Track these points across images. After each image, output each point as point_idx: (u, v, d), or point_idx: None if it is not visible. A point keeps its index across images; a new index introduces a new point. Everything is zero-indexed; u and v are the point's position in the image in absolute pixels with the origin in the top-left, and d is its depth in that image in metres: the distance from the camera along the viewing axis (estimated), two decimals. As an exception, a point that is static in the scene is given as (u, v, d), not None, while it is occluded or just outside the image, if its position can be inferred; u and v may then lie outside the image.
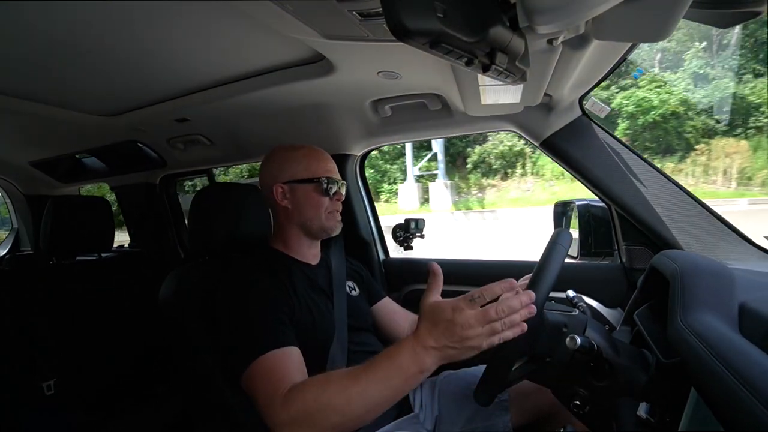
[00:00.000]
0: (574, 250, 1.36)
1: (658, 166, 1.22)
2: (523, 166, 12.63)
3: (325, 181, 1.12)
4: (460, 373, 1.24)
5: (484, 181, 13.06)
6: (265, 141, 1.66)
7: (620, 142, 1.22)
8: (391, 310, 1.33)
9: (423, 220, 1.70)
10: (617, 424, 0.75)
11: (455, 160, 13.38)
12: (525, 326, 0.69)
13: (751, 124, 10.77)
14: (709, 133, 11.30)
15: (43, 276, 1.65)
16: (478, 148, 12.92)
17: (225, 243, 1.20)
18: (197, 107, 1.40)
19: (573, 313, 0.90)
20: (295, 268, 1.11)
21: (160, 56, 1.05)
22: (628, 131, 11.69)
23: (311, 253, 1.18)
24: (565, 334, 0.79)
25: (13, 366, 1.48)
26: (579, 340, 0.73)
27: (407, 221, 1.69)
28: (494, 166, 12.89)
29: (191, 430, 1.51)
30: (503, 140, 12.48)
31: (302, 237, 1.15)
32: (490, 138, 12.67)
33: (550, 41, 0.74)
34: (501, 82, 0.74)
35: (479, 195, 12.88)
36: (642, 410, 0.70)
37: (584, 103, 1.25)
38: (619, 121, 11.76)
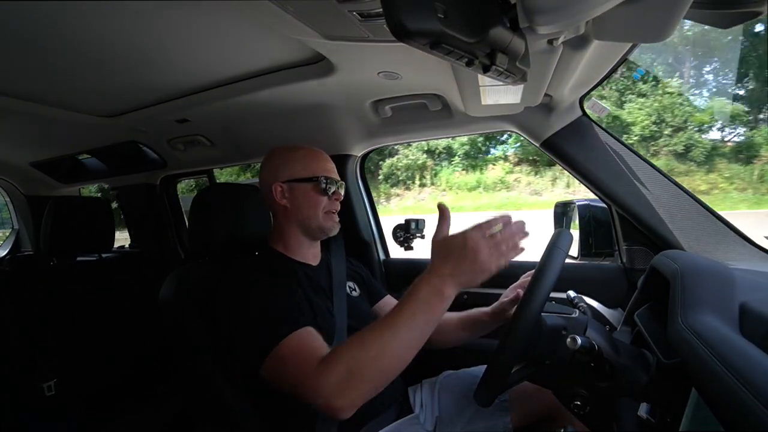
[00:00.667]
0: (574, 250, 1.36)
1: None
2: (422, 178, 14.26)
3: (324, 180, 1.12)
4: (461, 373, 1.24)
5: (392, 191, 14.47)
6: (266, 141, 1.66)
7: (621, 142, 1.22)
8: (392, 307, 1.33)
9: (423, 220, 1.70)
10: (618, 424, 0.75)
11: (372, 172, 14.49)
12: (524, 248, 0.79)
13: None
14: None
15: (44, 276, 1.65)
16: (388, 161, 14.36)
17: (225, 243, 1.20)
18: (198, 108, 1.40)
19: (573, 315, 0.90)
20: (296, 269, 1.11)
21: (160, 57, 1.05)
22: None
23: (311, 254, 1.18)
24: (565, 337, 0.79)
25: (13, 366, 1.48)
26: (579, 341, 0.73)
27: (408, 221, 1.69)
28: (400, 178, 14.42)
29: (191, 431, 1.51)
30: (408, 154, 14.08)
31: (301, 237, 1.15)
32: (399, 150, 14.05)
33: (550, 41, 0.74)
34: (501, 83, 0.74)
35: (384, 204, 14.05)
36: (642, 411, 0.70)
37: (585, 103, 1.25)
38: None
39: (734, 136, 12.35)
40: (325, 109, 1.42)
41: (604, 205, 1.33)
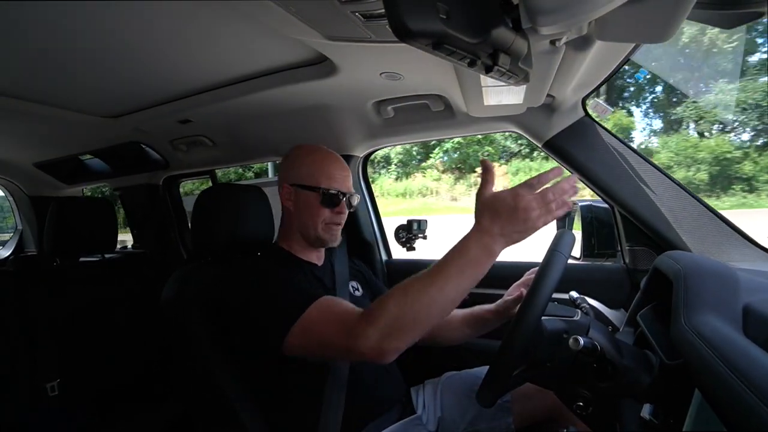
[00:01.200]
0: (576, 251, 1.36)
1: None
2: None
3: (326, 192, 1.10)
4: (463, 374, 1.24)
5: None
6: (268, 142, 1.66)
7: (623, 143, 1.22)
8: None
9: (425, 221, 1.70)
10: (620, 425, 0.75)
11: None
12: (571, 204, 0.80)
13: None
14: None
15: (47, 277, 1.65)
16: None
17: (227, 244, 1.21)
18: (200, 108, 1.40)
19: (574, 317, 0.89)
20: (303, 266, 1.12)
21: (163, 57, 1.05)
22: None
23: (315, 255, 1.19)
24: (566, 341, 0.79)
25: (16, 366, 1.48)
26: (582, 342, 0.73)
27: (410, 222, 1.69)
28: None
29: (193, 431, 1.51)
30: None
31: (302, 241, 1.16)
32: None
33: (553, 42, 0.74)
34: (504, 83, 0.74)
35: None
36: (645, 412, 0.69)
37: (587, 104, 1.24)
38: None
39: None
40: (327, 110, 1.42)
41: (606, 206, 1.32)
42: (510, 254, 0.94)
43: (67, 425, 1.51)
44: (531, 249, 1.14)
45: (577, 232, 1.36)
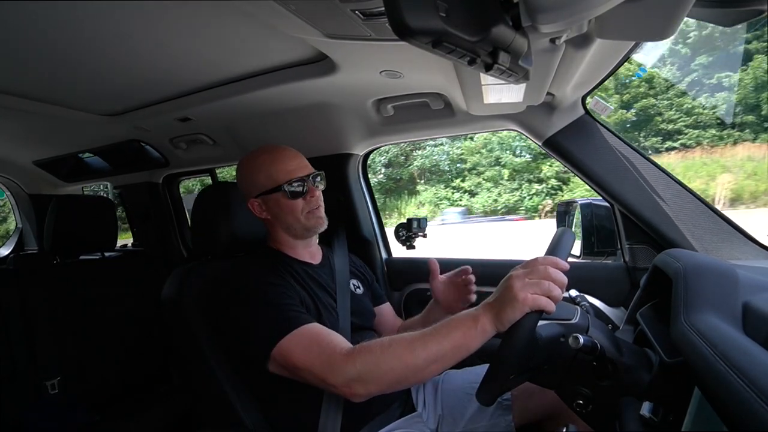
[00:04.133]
0: (576, 249, 1.36)
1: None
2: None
3: (290, 186, 1.07)
4: (463, 372, 1.24)
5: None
6: (268, 140, 1.66)
7: (623, 141, 1.22)
8: (386, 315, 1.35)
9: (425, 219, 1.70)
10: (620, 423, 0.75)
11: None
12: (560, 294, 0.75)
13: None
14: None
15: (47, 275, 1.66)
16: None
17: (227, 242, 1.21)
18: (200, 107, 1.40)
19: (572, 321, 0.87)
20: (298, 267, 1.11)
21: (162, 55, 1.05)
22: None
23: (308, 252, 1.18)
24: (563, 344, 0.79)
25: (16, 365, 1.49)
26: (582, 340, 0.73)
27: (410, 220, 1.69)
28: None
29: (194, 430, 1.52)
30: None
31: (291, 240, 1.15)
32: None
33: (552, 40, 0.74)
34: (504, 81, 0.74)
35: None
36: (645, 410, 0.69)
37: (587, 102, 1.24)
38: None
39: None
40: (327, 108, 1.42)
41: (606, 204, 1.32)
42: (510, 254, 0.93)
43: (67, 423, 1.51)
44: (531, 248, 1.14)
45: (577, 230, 1.36)
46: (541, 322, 0.81)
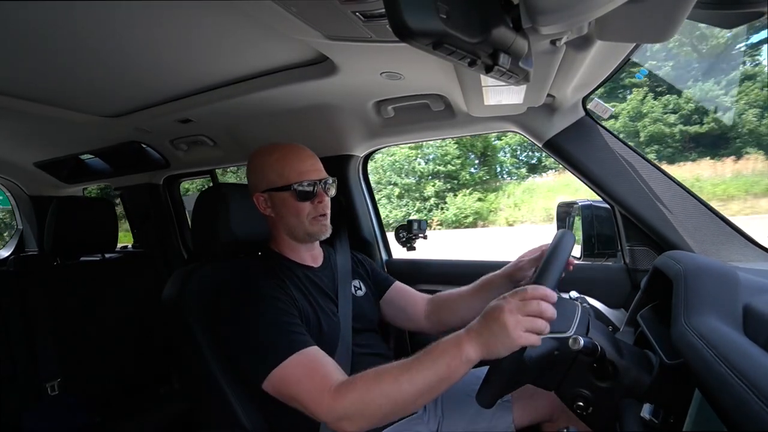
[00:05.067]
0: (577, 251, 1.36)
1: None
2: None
3: (300, 186, 1.05)
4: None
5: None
6: (268, 141, 1.65)
7: (624, 143, 1.22)
8: (404, 291, 1.32)
9: (426, 221, 1.70)
10: (621, 425, 0.75)
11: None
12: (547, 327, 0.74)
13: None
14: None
15: (47, 277, 1.66)
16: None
17: (228, 244, 1.20)
18: (200, 108, 1.40)
19: (568, 333, 0.81)
20: (298, 272, 1.10)
21: (163, 57, 1.05)
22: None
23: (309, 256, 1.17)
24: (557, 358, 0.79)
25: (17, 366, 1.49)
26: (582, 341, 0.73)
27: (410, 222, 1.69)
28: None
29: (194, 431, 1.51)
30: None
31: (293, 243, 1.14)
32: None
33: (553, 42, 0.74)
34: (504, 83, 0.74)
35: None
36: (645, 411, 0.69)
37: (587, 103, 1.24)
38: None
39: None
40: (327, 110, 1.42)
41: (606, 206, 1.32)
42: (510, 254, 0.93)
43: (67, 425, 1.51)
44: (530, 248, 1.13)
45: (578, 232, 1.36)
46: None
